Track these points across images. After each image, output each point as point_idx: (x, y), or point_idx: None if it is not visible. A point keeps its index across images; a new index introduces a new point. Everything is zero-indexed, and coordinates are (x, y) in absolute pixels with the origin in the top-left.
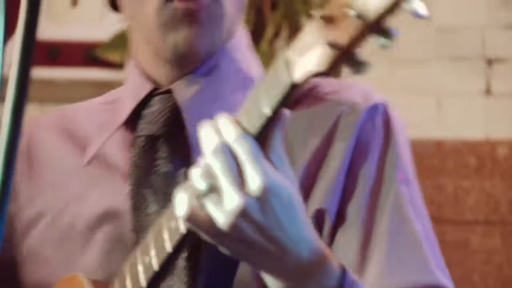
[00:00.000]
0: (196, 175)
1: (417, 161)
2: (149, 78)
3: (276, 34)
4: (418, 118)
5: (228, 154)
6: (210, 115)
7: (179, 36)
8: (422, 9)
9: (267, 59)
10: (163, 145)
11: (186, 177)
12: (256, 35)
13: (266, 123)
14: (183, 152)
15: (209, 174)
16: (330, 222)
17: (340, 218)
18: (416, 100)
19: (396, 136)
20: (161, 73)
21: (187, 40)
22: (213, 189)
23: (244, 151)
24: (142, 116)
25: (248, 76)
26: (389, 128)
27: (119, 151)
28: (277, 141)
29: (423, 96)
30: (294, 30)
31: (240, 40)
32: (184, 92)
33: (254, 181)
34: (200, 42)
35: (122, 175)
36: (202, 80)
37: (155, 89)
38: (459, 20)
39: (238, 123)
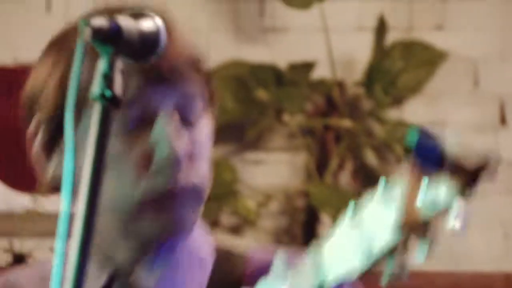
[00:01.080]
0: None
1: None
2: (105, 254)
3: (340, 167)
4: (486, 251)
5: None
6: None
7: (158, 220)
8: (458, 225)
9: (330, 192)
10: None
11: None
12: (320, 167)
13: None
14: None
15: None
16: None
17: None
18: (483, 232)
19: None
20: (121, 253)
21: (166, 225)
22: None
23: None
24: None
25: (200, 256)
26: None
27: None
28: None
29: (490, 228)
30: (359, 163)
31: None
32: (146, 278)
33: None
34: (176, 229)
35: None
36: (161, 265)
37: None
38: None
39: None
